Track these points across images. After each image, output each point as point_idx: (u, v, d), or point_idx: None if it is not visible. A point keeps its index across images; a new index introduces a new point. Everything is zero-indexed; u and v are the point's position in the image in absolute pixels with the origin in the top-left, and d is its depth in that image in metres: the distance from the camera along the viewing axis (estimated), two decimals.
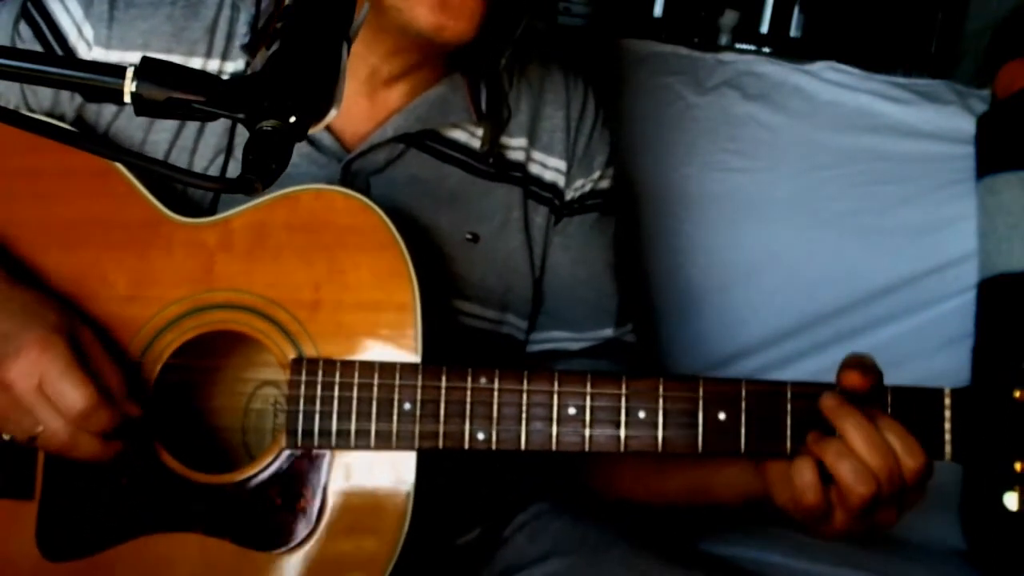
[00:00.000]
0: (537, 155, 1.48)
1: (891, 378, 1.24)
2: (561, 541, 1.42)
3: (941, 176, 1.96)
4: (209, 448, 1.35)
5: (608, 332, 1.51)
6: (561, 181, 1.49)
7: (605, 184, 1.53)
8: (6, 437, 1.23)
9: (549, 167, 1.49)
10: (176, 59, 1.35)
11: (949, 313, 1.92)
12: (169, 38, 1.37)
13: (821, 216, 1.96)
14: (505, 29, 1.39)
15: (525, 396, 1.25)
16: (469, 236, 1.43)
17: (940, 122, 1.99)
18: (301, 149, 1.35)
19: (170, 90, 0.85)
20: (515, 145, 1.47)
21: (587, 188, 1.51)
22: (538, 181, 1.48)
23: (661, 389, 1.25)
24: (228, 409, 1.37)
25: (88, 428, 1.21)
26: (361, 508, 1.27)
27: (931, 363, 1.91)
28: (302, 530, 1.27)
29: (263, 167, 0.84)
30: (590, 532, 1.42)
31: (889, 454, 1.19)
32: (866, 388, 1.22)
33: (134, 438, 1.26)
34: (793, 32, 2.55)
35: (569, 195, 1.50)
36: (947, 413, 1.22)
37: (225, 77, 1.36)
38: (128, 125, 1.37)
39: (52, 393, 1.20)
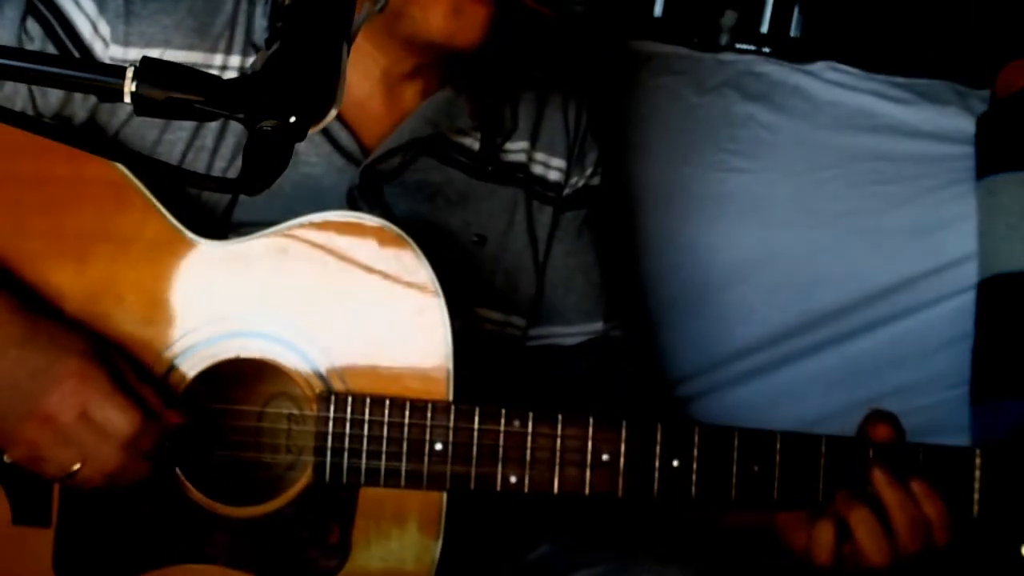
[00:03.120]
0: (540, 156, 1.49)
1: (891, 378, 1.26)
2: None
3: (941, 176, 1.96)
4: (228, 469, 1.31)
5: (598, 326, 1.52)
6: (563, 180, 1.51)
7: (596, 181, 1.55)
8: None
9: (552, 167, 1.50)
10: (197, 55, 1.33)
11: (949, 313, 1.92)
12: (192, 33, 1.33)
13: (821, 216, 1.96)
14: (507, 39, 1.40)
15: (559, 441, 1.25)
16: (476, 238, 1.44)
17: (940, 122, 1.99)
18: (321, 149, 1.34)
19: (169, 90, 0.84)
20: (516, 148, 1.48)
21: (580, 184, 1.53)
22: (542, 181, 1.49)
23: (696, 438, 1.25)
24: (242, 428, 1.32)
25: (139, 448, 1.20)
26: (390, 542, 1.25)
27: (931, 363, 1.91)
28: (329, 564, 1.25)
29: (263, 167, 0.84)
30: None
31: (926, 532, 1.24)
32: (895, 440, 1.27)
33: (163, 462, 1.24)
34: (793, 32, 2.54)
35: (566, 192, 1.52)
36: (977, 473, 1.26)
37: None
38: (142, 125, 1.33)
39: (100, 419, 1.18)
